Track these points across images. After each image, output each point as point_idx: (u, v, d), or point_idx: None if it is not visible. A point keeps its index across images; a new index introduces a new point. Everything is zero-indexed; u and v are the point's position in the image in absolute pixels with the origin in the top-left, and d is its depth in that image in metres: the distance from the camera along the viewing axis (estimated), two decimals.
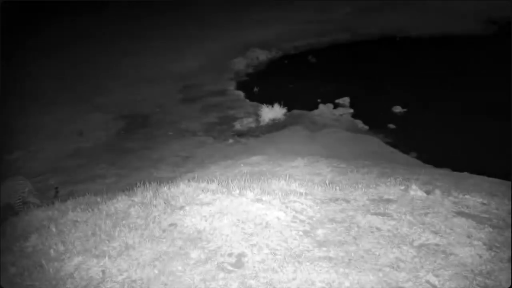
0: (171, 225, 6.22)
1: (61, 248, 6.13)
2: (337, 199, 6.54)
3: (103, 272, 5.64)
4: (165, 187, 7.06)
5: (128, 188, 7.31)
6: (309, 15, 15.39)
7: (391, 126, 9.76)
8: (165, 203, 6.68)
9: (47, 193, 7.69)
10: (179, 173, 7.78)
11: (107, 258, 5.82)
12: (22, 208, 7.40)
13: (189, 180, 7.18)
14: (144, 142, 9.37)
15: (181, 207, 6.51)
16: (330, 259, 5.42)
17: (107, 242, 6.08)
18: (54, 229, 6.46)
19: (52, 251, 6.11)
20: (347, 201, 6.48)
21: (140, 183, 7.37)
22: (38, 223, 6.74)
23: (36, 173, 8.84)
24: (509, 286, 4.90)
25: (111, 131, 10.09)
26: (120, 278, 5.53)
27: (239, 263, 5.43)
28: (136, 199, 6.85)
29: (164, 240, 5.98)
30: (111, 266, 5.71)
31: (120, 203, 6.82)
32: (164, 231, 6.14)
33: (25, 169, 9.10)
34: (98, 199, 7.02)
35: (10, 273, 5.92)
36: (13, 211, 7.49)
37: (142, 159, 8.66)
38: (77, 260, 5.87)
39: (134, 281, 5.45)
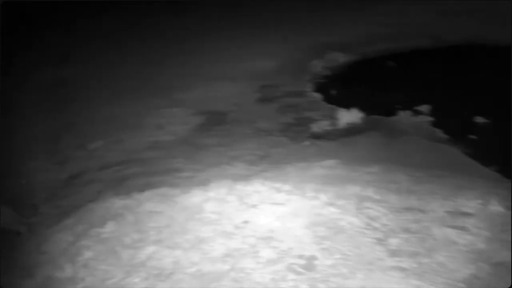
0: (244, 222, 6.27)
1: (136, 236, 6.30)
2: (412, 209, 6.40)
3: (175, 263, 5.76)
4: (240, 185, 7.11)
5: (203, 183, 7.40)
6: (390, 19, 15.02)
7: (472, 136, 9.42)
8: (239, 200, 6.74)
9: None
10: (254, 172, 7.80)
11: (179, 249, 5.94)
12: None
13: (263, 179, 7.21)
14: (221, 139, 9.44)
15: (255, 205, 6.55)
16: (402, 269, 5.32)
17: (180, 234, 6.21)
18: (130, 218, 6.65)
19: (127, 239, 6.29)
20: (423, 212, 6.32)
21: (215, 179, 7.46)
22: (115, 211, 6.93)
23: (115, 163, 9.09)
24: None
25: (189, 126, 10.22)
26: (191, 270, 5.63)
27: (309, 266, 5.42)
28: (210, 194, 6.94)
29: (236, 236, 6.03)
30: (183, 258, 5.82)
31: (195, 197, 6.92)
32: (236, 227, 6.19)
33: (105, 158, 9.36)
34: (174, 192, 7.15)
35: (85, 257, 6.13)
36: None
37: (218, 156, 8.73)
38: (150, 249, 6.02)
39: (205, 274, 5.53)
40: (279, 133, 9.56)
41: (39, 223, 7.54)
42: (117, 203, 7.10)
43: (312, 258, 5.53)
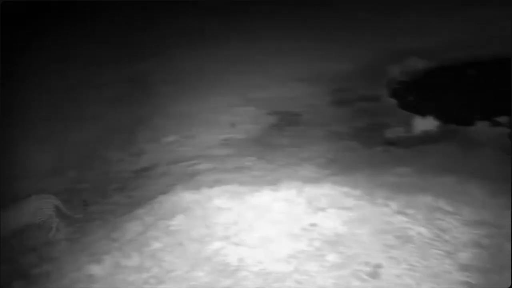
0: (311, 225, 6.24)
1: (203, 231, 6.40)
2: (485, 223, 6.16)
3: (240, 260, 5.81)
4: (309, 187, 7.08)
5: (273, 183, 7.42)
6: (470, 25, 14.50)
7: None
8: (307, 202, 6.72)
9: (77, 208, 7.95)
10: (324, 175, 7.76)
11: (245, 247, 5.99)
12: (51, 229, 7.38)
13: (333, 183, 7.15)
14: (292, 140, 9.45)
15: (323, 209, 6.50)
16: (470, 285, 5.15)
17: (247, 232, 6.26)
18: (199, 213, 6.75)
19: (194, 233, 6.40)
20: (497, 227, 6.08)
21: (285, 180, 7.46)
22: (185, 204, 7.06)
23: (187, 158, 9.27)
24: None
25: (261, 125, 10.29)
26: (255, 268, 5.67)
27: (374, 274, 5.34)
28: (280, 195, 6.94)
29: (302, 238, 6.02)
30: (248, 255, 5.87)
31: (264, 196, 6.95)
32: (303, 229, 6.18)
33: (178, 152, 9.57)
34: (243, 190, 7.21)
35: (152, 247, 6.28)
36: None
37: (289, 156, 8.74)
38: (216, 245, 6.10)
39: (269, 273, 5.55)
40: (351, 137, 9.46)
41: (110, 211, 7.82)
42: (187, 197, 7.23)
43: (378, 266, 5.44)
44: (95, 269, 6.10)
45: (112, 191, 8.53)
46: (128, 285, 5.78)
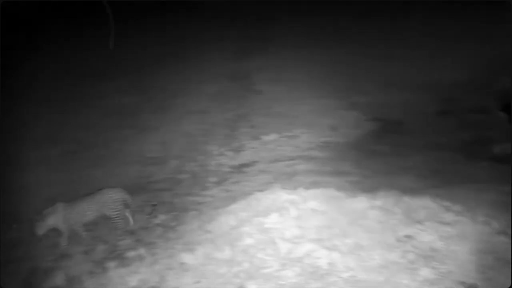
0: (406, 236, 6.12)
1: (297, 232, 6.43)
2: None
3: (331, 264, 5.80)
4: (408, 197, 6.93)
5: (370, 190, 7.32)
6: None
7: None
8: (404, 213, 6.58)
9: (145, 208, 8.04)
10: (424, 186, 7.52)
11: (337, 252, 5.97)
12: (121, 223, 7.55)
13: (433, 196, 6.94)
14: (393, 148, 9.24)
15: (420, 221, 6.35)
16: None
17: (340, 237, 6.23)
18: (293, 213, 6.79)
19: (288, 232, 6.44)
20: None
21: (383, 188, 7.33)
22: (280, 203, 7.12)
23: (286, 158, 9.33)
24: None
25: (362, 130, 10.16)
26: (345, 275, 5.64)
27: None
28: (376, 203, 6.85)
29: (396, 249, 5.92)
30: (339, 261, 5.85)
31: (360, 203, 6.89)
32: (398, 240, 6.07)
33: (277, 151, 9.64)
34: (340, 194, 7.17)
35: (245, 243, 6.39)
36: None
37: (389, 164, 8.56)
38: (308, 247, 6.11)
39: (358, 281, 5.51)
40: (455, 149, 9.12)
41: (207, 203, 8.03)
42: (283, 196, 7.28)
43: (473, 286, 5.25)
44: (188, 258, 6.30)
45: (210, 184, 8.74)
46: (218, 277, 5.93)
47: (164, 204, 8.13)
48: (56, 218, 7.11)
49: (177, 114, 11.83)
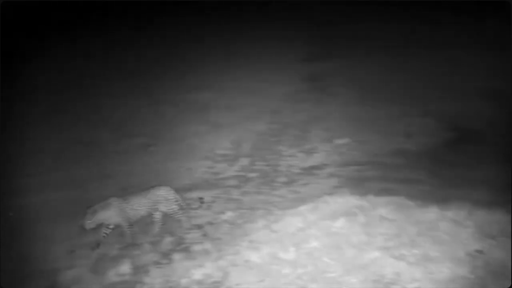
0: (477, 251, 5.93)
1: (364, 238, 6.35)
2: None
3: (396, 274, 5.70)
4: (481, 211, 6.69)
5: (442, 200, 7.11)
6: None
7: None
8: (476, 226, 6.36)
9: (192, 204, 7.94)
10: (499, 200, 7.17)
11: (404, 262, 5.85)
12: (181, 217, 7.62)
13: (508, 210, 6.66)
14: (469, 159, 8.92)
15: (493, 236, 6.13)
16: None
17: (408, 247, 6.10)
18: (361, 219, 6.70)
19: (354, 238, 6.37)
20: None
21: (455, 199, 7.10)
22: (348, 208, 7.05)
23: (356, 162, 9.23)
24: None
25: (437, 139, 9.87)
26: (410, 286, 5.54)
27: None
28: (448, 214, 6.66)
29: (466, 264, 5.74)
30: (405, 271, 5.74)
31: (431, 213, 6.72)
32: (468, 255, 5.89)
33: (349, 156, 9.55)
34: (410, 203, 7.01)
35: (310, 245, 6.36)
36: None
37: (463, 175, 8.28)
38: (375, 254, 6.03)
39: None
40: None
41: (275, 203, 8.04)
42: (352, 201, 7.21)
43: None
44: (252, 256, 6.34)
45: (279, 184, 8.76)
46: (281, 277, 5.93)
47: (232, 201, 8.22)
48: (107, 213, 7.17)
49: (249, 113, 11.91)
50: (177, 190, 8.06)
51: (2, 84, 11.65)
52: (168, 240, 7.20)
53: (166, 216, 7.53)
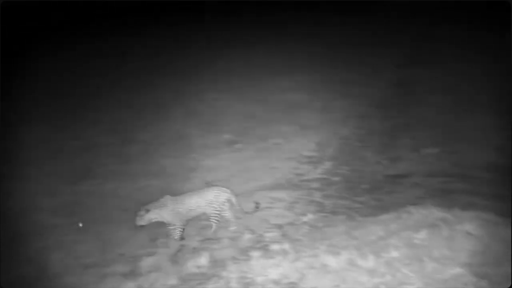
0: None
1: (446, 253, 6.18)
2: None
3: None
4: None
5: None
6: None
7: None
8: None
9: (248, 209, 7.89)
10: None
11: (486, 281, 5.66)
12: (218, 221, 7.60)
13: None
14: None
15: None
16: None
17: (493, 266, 5.87)
18: (445, 233, 6.51)
19: (436, 252, 6.21)
20: None
21: None
22: (432, 220, 6.86)
23: (443, 173, 8.95)
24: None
25: None
26: None
27: None
28: None
29: None
30: None
31: None
32: None
33: (436, 166, 9.28)
34: (499, 220, 6.72)
35: (390, 255, 6.24)
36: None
37: None
38: (456, 270, 5.86)
39: None
40: None
41: (357, 209, 7.97)
42: (436, 213, 7.01)
43: None
44: (330, 261, 6.29)
45: (362, 190, 8.68)
46: (358, 284, 5.87)
47: (314, 204, 8.22)
48: (161, 212, 7.33)
49: (336, 116, 11.88)
50: (260, 189, 8.18)
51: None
52: (247, 237, 7.30)
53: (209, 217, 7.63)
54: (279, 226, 7.56)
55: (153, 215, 7.31)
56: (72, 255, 7.34)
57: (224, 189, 7.68)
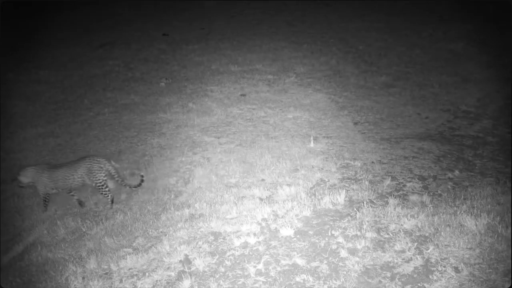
0: None
1: None
2: None
3: None
4: None
5: None
6: None
7: None
8: None
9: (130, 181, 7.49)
10: None
11: None
12: (105, 192, 7.31)
13: None
14: None
15: None
16: None
17: None
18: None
19: None
20: None
21: None
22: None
23: None
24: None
25: None
26: None
27: None
28: None
29: None
30: None
31: None
32: None
33: None
34: None
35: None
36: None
37: None
38: None
39: None
40: None
41: (508, 174, 7.43)
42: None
43: None
44: (469, 222, 5.91)
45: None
46: (492, 252, 5.56)
47: (463, 161, 7.86)
48: (31, 179, 7.26)
49: (504, 73, 11.04)
50: (408, 137, 7.94)
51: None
52: (387, 183, 7.17)
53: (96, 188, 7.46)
54: (422, 178, 7.34)
55: (25, 180, 7.29)
56: (215, 173, 7.78)
57: (99, 159, 7.38)
